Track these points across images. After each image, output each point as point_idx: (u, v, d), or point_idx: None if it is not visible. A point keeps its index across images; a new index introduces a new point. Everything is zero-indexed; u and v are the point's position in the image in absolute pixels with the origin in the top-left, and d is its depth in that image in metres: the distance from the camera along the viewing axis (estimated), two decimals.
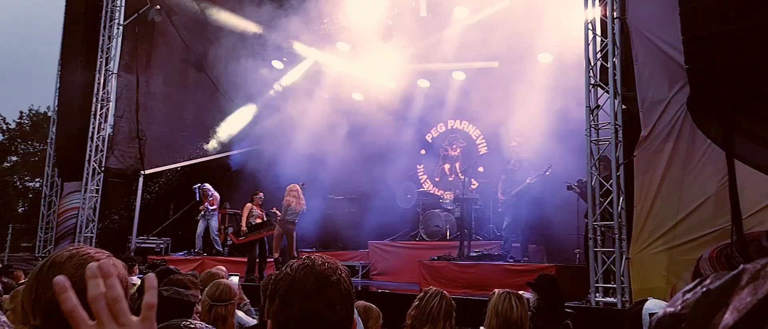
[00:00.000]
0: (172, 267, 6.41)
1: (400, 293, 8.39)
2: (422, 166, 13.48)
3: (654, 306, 3.38)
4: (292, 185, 10.23)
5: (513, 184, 8.94)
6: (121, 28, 12.84)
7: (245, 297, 5.35)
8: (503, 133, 10.17)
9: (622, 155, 7.37)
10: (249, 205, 10.60)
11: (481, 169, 11.42)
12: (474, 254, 8.94)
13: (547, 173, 8.68)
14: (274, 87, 14.01)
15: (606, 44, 7.73)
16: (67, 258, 1.32)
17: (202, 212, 12.12)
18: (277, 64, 13.94)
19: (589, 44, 7.93)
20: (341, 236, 12.40)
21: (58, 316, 1.01)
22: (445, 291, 3.72)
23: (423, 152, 13.58)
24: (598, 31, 7.95)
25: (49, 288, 1.20)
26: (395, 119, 13.23)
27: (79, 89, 13.16)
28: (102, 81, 12.60)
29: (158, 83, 13.77)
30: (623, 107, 7.56)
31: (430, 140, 13.61)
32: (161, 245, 12.96)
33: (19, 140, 28.70)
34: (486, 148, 12.55)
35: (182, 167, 13.69)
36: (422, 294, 3.75)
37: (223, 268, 6.87)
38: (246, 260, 10.32)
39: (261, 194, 10.82)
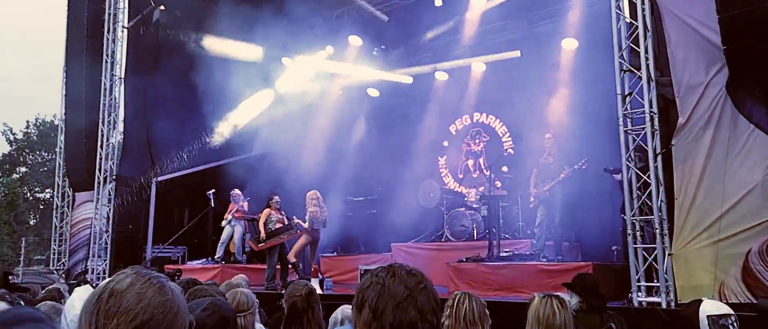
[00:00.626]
0: (193, 278, 6.14)
1: None
2: (445, 162, 13.10)
3: (712, 307, 3.06)
4: (311, 192, 9.94)
5: (546, 179, 8.58)
6: (125, 30, 12.50)
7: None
8: (528, 125, 9.78)
9: (659, 145, 6.96)
10: (267, 210, 10.26)
11: (505, 168, 10.99)
12: (504, 254, 8.57)
13: (583, 167, 8.30)
14: (285, 86, 13.64)
15: (636, 26, 7.30)
16: (128, 286, 1.25)
17: (229, 218, 11.80)
18: (287, 61, 13.59)
19: (617, 27, 7.49)
20: (362, 239, 12.06)
21: None
22: (471, 292, 3.61)
23: (445, 143, 13.18)
24: (627, 13, 7.50)
25: (110, 319, 1.19)
26: (413, 116, 12.86)
27: (85, 95, 12.87)
28: (108, 86, 12.28)
29: (167, 86, 13.39)
30: (658, 92, 7.14)
31: (453, 133, 13.21)
32: (178, 254, 12.69)
33: (27, 151, 28.51)
34: (511, 141, 12.11)
35: (197, 171, 13.36)
36: (450, 300, 3.62)
37: (245, 277, 6.53)
38: (266, 267, 10.01)
39: (277, 197, 10.47)
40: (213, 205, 12.19)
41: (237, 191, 11.90)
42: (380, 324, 1.32)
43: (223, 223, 11.84)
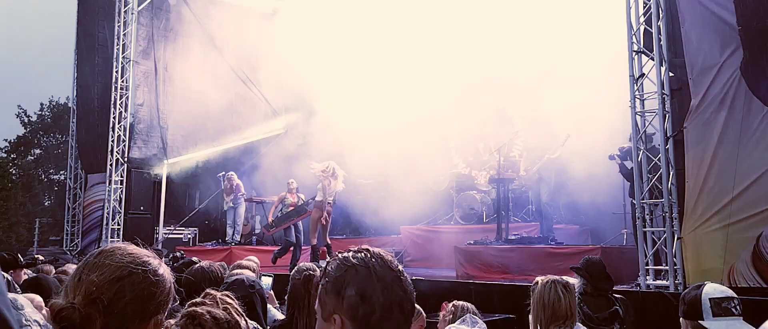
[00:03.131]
0: (194, 258, 6.19)
1: (437, 280, 8.07)
2: (455, 144, 13.01)
3: (715, 291, 3.02)
4: (325, 163, 9.89)
5: (535, 160, 8.56)
6: (135, 13, 12.51)
7: (275, 300, 4.94)
8: (539, 107, 9.65)
9: (671, 127, 6.86)
10: (282, 194, 10.33)
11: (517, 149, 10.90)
12: (513, 237, 8.52)
13: (565, 144, 8.27)
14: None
15: (649, 6, 7.17)
16: (115, 248, 1.40)
17: (230, 201, 11.89)
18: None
19: (631, 7, 7.36)
20: (372, 222, 12.03)
21: (97, 296, 1.29)
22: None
23: (456, 126, 13.06)
24: None
25: (93, 271, 1.33)
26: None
27: (97, 78, 12.94)
28: (120, 69, 12.32)
29: (178, 69, 13.43)
30: (671, 74, 7.03)
31: (464, 115, 13.09)
32: (189, 236, 12.79)
33: (41, 133, 28.71)
34: (522, 124, 11.96)
35: (208, 154, 13.42)
36: (448, 313, 3.72)
37: (256, 259, 6.52)
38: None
39: (292, 180, 10.49)
40: (222, 187, 12.25)
41: (231, 173, 12.00)
42: (370, 307, 1.31)
43: (225, 206, 11.92)
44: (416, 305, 3.82)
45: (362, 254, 1.38)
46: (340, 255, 1.41)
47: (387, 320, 1.32)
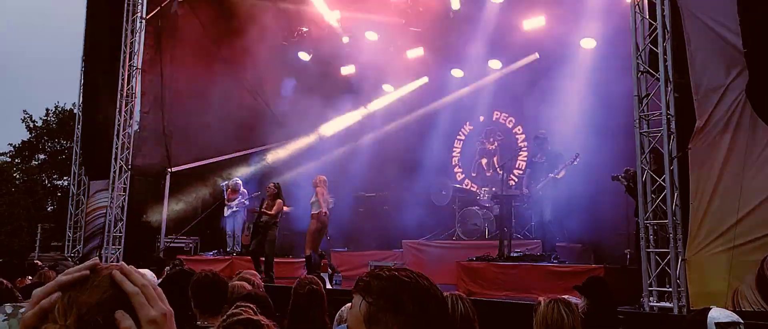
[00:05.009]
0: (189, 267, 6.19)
1: None
2: (458, 160, 13.04)
3: (721, 315, 3.01)
4: (322, 176, 9.91)
5: (539, 178, 8.53)
6: (143, 22, 12.59)
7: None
8: (543, 125, 9.67)
9: (676, 148, 6.85)
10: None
11: (519, 166, 10.90)
12: (515, 254, 8.48)
13: (575, 163, 8.24)
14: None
15: (655, 27, 7.18)
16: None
17: (232, 210, 11.88)
18: (303, 56, 13.60)
19: (636, 28, 7.37)
20: (374, 235, 12.01)
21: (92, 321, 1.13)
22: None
23: (459, 142, 13.13)
24: (646, 13, 7.39)
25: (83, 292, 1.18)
26: (428, 112, 12.79)
27: (103, 85, 12.99)
28: (126, 77, 12.38)
29: (184, 78, 13.47)
30: (675, 95, 7.02)
31: (467, 131, 13.16)
32: (190, 244, 12.78)
33: (45, 138, 28.77)
34: (525, 141, 12.01)
35: (211, 163, 13.44)
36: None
37: (256, 274, 6.48)
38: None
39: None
40: (225, 196, 12.25)
41: (236, 180, 11.99)
42: (429, 323, 1.39)
43: (226, 212, 11.93)
44: None
45: (407, 272, 1.45)
46: (382, 273, 1.46)
47: None
